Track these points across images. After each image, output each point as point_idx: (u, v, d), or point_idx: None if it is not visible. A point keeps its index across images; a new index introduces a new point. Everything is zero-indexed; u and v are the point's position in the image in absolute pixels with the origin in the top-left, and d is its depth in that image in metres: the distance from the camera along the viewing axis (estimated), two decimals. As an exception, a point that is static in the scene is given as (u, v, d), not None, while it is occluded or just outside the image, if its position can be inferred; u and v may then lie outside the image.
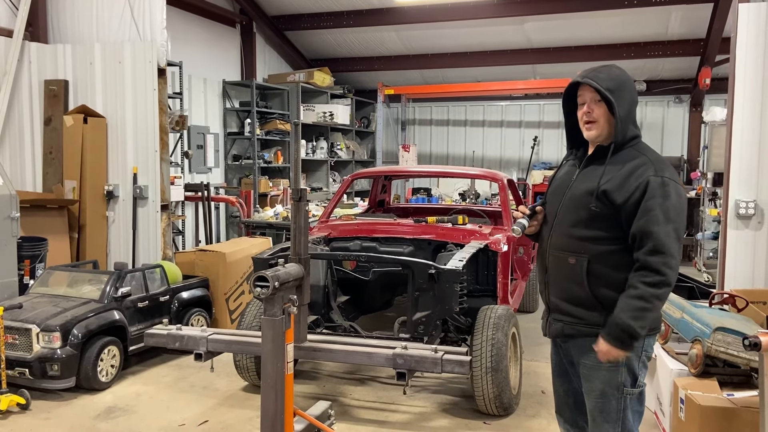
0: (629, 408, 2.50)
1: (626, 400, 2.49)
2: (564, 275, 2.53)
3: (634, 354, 2.46)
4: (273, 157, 10.35)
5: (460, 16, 9.77)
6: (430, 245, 5.13)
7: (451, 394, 4.76)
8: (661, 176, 2.40)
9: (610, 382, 2.49)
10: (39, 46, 6.67)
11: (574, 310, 2.52)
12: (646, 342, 2.49)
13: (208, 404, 4.57)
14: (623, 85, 2.49)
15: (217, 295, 6.03)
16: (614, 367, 2.46)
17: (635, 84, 2.56)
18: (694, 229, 10.51)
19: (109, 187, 6.49)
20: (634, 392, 2.49)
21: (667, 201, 2.37)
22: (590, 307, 2.48)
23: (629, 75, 2.57)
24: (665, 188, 2.38)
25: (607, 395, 2.49)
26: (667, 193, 2.37)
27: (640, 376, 2.50)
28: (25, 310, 4.66)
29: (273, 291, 2.96)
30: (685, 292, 6.24)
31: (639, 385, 2.50)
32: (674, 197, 2.38)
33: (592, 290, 2.47)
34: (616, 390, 2.48)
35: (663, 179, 2.39)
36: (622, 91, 2.47)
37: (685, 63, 10.51)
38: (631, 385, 2.48)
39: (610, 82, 2.46)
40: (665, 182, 2.39)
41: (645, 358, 2.52)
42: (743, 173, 5.05)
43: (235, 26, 10.39)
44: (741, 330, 3.47)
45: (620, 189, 2.42)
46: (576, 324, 2.53)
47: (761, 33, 4.97)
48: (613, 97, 2.44)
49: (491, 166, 12.28)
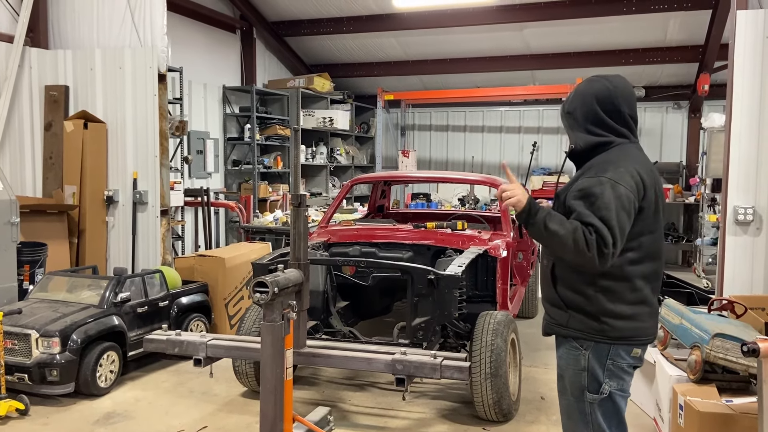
0: (597, 412, 2.50)
1: (592, 405, 2.49)
2: (543, 277, 2.67)
3: (597, 361, 2.47)
4: (273, 162, 10.36)
5: (460, 22, 9.79)
6: (429, 251, 5.14)
7: (450, 399, 4.76)
8: (598, 177, 2.41)
9: (573, 383, 2.54)
10: (39, 52, 6.69)
11: (549, 309, 2.64)
12: (612, 350, 2.47)
13: (207, 410, 4.57)
14: (576, 101, 2.62)
15: (216, 300, 6.03)
16: (578, 370, 2.51)
17: (608, 93, 2.57)
18: (693, 235, 10.53)
19: (108, 193, 6.49)
20: (596, 398, 2.49)
21: (599, 200, 2.35)
22: (558, 306, 2.57)
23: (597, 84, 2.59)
24: (599, 187, 2.38)
25: (574, 396, 2.55)
26: (600, 192, 2.36)
27: (604, 383, 2.48)
28: (25, 316, 4.67)
29: (272, 296, 2.97)
30: (684, 298, 6.25)
31: (602, 392, 2.48)
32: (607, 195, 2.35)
33: (557, 291, 2.56)
34: (580, 392, 2.52)
35: (599, 179, 2.40)
36: (576, 108, 2.61)
37: (683, 69, 10.54)
38: (594, 391, 2.49)
39: (567, 105, 2.66)
40: (599, 182, 2.39)
41: (612, 366, 2.48)
42: (742, 179, 5.06)
43: (235, 32, 10.42)
44: (740, 336, 3.48)
45: (566, 191, 2.54)
46: (550, 323, 2.63)
47: (759, 40, 4.99)
48: (570, 117, 2.63)
49: (490, 172, 12.29)
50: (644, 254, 2.48)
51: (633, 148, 2.58)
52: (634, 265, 2.46)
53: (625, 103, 2.58)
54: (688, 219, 11.09)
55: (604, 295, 2.45)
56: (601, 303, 2.45)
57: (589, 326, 2.48)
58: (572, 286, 2.50)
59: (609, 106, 2.55)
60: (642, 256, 2.47)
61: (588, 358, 2.48)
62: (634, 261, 2.46)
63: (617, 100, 2.56)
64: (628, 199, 2.38)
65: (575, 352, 2.52)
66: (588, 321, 2.48)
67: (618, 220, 2.34)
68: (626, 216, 2.37)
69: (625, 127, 2.58)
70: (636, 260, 2.46)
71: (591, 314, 2.47)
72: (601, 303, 2.45)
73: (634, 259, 2.46)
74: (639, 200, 2.43)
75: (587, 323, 2.48)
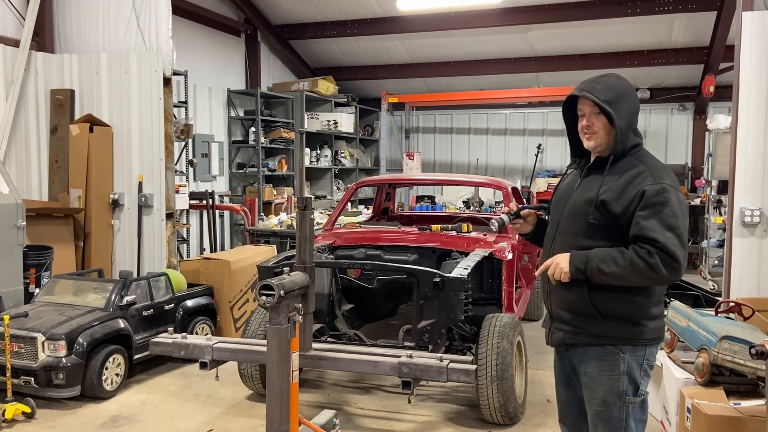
0: (631, 417, 2.49)
1: (628, 408, 2.48)
2: (565, 285, 2.51)
3: (635, 362, 2.46)
4: (277, 165, 10.38)
5: (464, 24, 9.80)
6: (434, 253, 5.13)
7: (457, 403, 4.75)
8: (660, 183, 2.39)
9: (611, 390, 2.48)
10: (45, 56, 6.72)
11: (575, 319, 2.53)
12: (647, 351, 2.48)
13: (212, 413, 4.57)
14: (622, 95, 2.48)
15: (221, 303, 6.03)
16: (616, 376, 2.46)
17: (637, 91, 2.58)
18: (699, 237, 10.49)
19: (114, 196, 6.51)
20: (636, 401, 2.48)
21: (666, 208, 2.35)
22: (590, 316, 2.48)
23: (629, 83, 2.56)
24: (663, 195, 2.37)
25: (609, 404, 2.49)
26: (665, 200, 2.36)
27: (641, 384, 2.49)
28: (31, 319, 4.68)
29: (278, 299, 2.96)
30: (690, 300, 6.22)
31: (641, 393, 2.48)
32: (674, 203, 2.37)
33: (592, 301, 2.47)
34: (617, 398, 2.47)
35: (662, 186, 2.38)
36: (621, 101, 2.46)
37: (688, 71, 10.52)
38: (633, 394, 2.47)
39: (608, 93, 2.46)
40: (664, 189, 2.38)
41: (647, 366, 2.50)
42: (748, 181, 5.04)
43: (240, 35, 10.45)
44: (747, 339, 3.46)
45: (618, 199, 2.43)
46: (577, 334, 2.54)
47: (765, 41, 4.97)
48: (612, 109, 2.44)
49: (495, 174, 12.29)
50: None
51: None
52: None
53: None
54: (694, 221, 11.03)
55: (647, 299, 2.45)
56: (645, 307, 2.46)
57: (627, 331, 2.46)
58: (611, 295, 2.44)
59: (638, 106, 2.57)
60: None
61: (627, 362, 2.46)
62: None
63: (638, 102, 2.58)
64: (686, 206, 2.44)
65: (612, 357, 2.47)
66: (627, 326, 2.46)
67: (684, 227, 2.37)
68: (687, 221, 2.42)
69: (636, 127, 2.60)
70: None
71: (631, 320, 2.45)
72: (645, 307, 2.46)
73: None
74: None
75: (626, 328, 2.46)
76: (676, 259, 2.30)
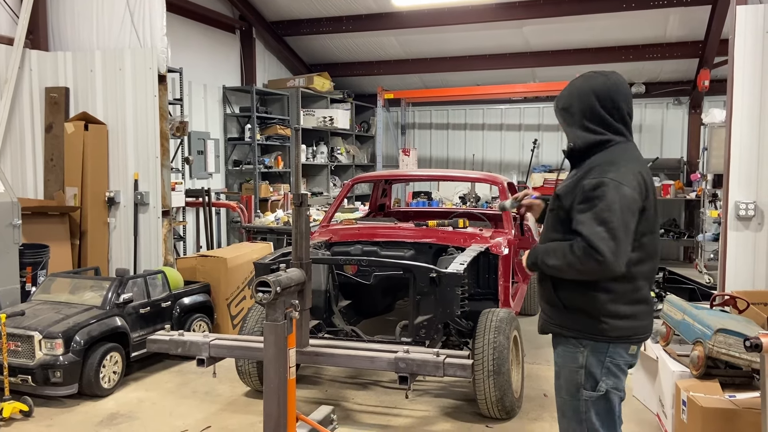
0: (592, 411, 2.49)
1: (587, 402, 2.49)
2: (540, 275, 2.64)
3: (596, 359, 2.47)
4: (273, 162, 10.36)
5: (459, 20, 9.79)
6: (431, 249, 5.14)
7: (454, 397, 4.76)
8: (600, 178, 2.39)
9: (570, 381, 2.54)
10: (40, 54, 6.69)
11: (546, 308, 2.64)
12: (611, 349, 2.47)
13: (210, 410, 4.58)
14: (574, 97, 2.56)
15: (218, 300, 6.04)
16: (575, 368, 2.51)
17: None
18: (694, 230, 10.53)
19: (110, 194, 6.50)
20: (593, 395, 2.48)
21: (601, 202, 2.35)
22: (556, 306, 2.57)
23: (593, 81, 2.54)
24: (600, 189, 2.37)
25: (570, 395, 2.54)
26: (602, 195, 2.36)
27: (601, 381, 2.48)
28: (28, 317, 4.67)
29: (275, 296, 2.97)
30: (686, 293, 6.25)
31: (599, 389, 2.48)
32: (610, 198, 2.34)
33: (556, 292, 2.55)
34: (576, 390, 2.51)
35: (600, 180, 2.38)
36: (572, 104, 2.57)
37: (683, 65, 10.52)
38: (591, 389, 2.49)
39: (565, 99, 2.61)
40: (602, 183, 2.37)
41: (611, 365, 2.48)
42: (743, 174, 5.06)
43: (235, 32, 10.42)
44: (742, 331, 3.47)
45: (568, 193, 2.50)
46: (548, 322, 2.63)
47: (759, 35, 4.98)
48: (567, 113, 2.59)
49: (491, 170, 12.29)
50: (645, 254, 2.47)
51: (632, 148, 2.56)
52: (637, 265, 2.45)
53: (624, 100, 2.54)
54: (690, 215, 11.08)
55: (606, 295, 2.44)
56: (603, 303, 2.44)
57: (588, 326, 2.48)
58: (572, 287, 2.49)
59: (608, 102, 2.52)
60: (644, 256, 2.47)
61: (586, 356, 2.49)
62: (638, 261, 2.45)
63: (616, 97, 2.52)
64: (633, 199, 2.37)
65: (573, 350, 2.52)
66: (587, 321, 2.47)
67: (623, 221, 2.33)
68: (631, 216, 2.37)
69: (623, 124, 2.55)
70: (639, 260, 2.45)
71: (591, 314, 2.46)
72: (602, 303, 2.44)
73: (637, 259, 2.45)
74: (642, 200, 2.42)
75: (587, 323, 2.48)
76: (601, 253, 2.30)
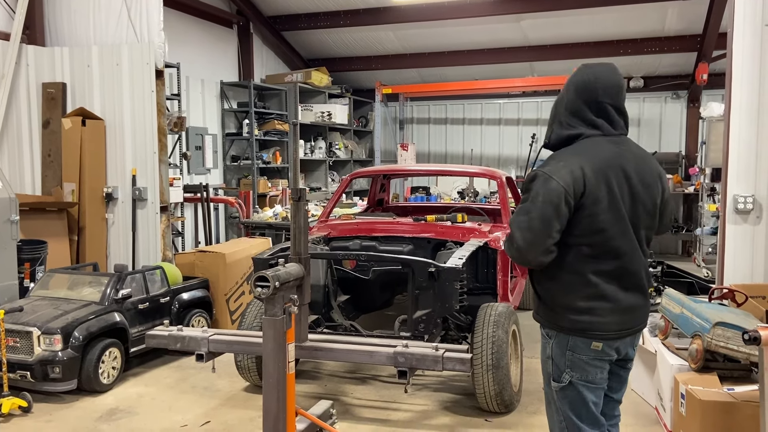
0: (561, 400, 2.56)
1: (555, 392, 2.58)
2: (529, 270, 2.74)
3: (559, 350, 2.53)
4: (271, 157, 10.35)
5: (457, 14, 9.77)
6: (429, 244, 5.14)
7: (453, 392, 4.77)
8: (536, 171, 2.48)
9: (544, 371, 2.66)
10: (36, 49, 6.67)
11: (533, 301, 2.72)
12: (571, 341, 2.49)
13: (210, 405, 4.58)
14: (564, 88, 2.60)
15: (217, 295, 6.04)
16: (545, 358, 2.62)
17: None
18: (692, 224, 10.54)
19: (108, 189, 6.49)
20: (557, 387, 2.56)
21: (529, 193, 2.45)
22: (535, 296, 2.67)
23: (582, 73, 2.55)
24: (532, 181, 2.46)
25: (546, 383, 2.66)
26: (530, 186, 2.46)
27: (565, 372, 2.51)
28: (26, 313, 4.67)
29: (273, 291, 2.96)
30: (684, 287, 6.26)
31: (562, 380, 2.53)
32: (536, 188, 2.42)
33: (533, 284, 2.65)
34: (548, 380, 2.62)
35: (534, 173, 2.47)
36: (561, 97, 2.61)
37: (682, 59, 10.51)
38: (556, 379, 2.56)
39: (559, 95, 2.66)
40: (535, 175, 2.46)
41: (574, 357, 2.49)
42: (741, 168, 5.05)
43: (232, 27, 10.39)
44: (740, 324, 3.48)
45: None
46: (534, 314, 2.71)
47: (758, 28, 4.97)
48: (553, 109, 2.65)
49: (489, 164, 12.28)
50: (600, 251, 2.44)
51: (598, 142, 2.49)
52: (586, 261, 2.45)
53: (606, 94, 2.49)
54: (688, 209, 11.09)
55: (560, 287, 2.51)
56: (556, 295, 2.52)
57: (550, 316, 2.56)
58: (539, 278, 2.60)
59: (586, 95, 2.50)
60: (597, 253, 2.44)
61: (552, 347, 2.56)
62: (587, 257, 2.44)
63: (596, 90, 2.49)
64: (558, 193, 2.37)
65: (544, 340, 2.63)
66: (549, 311, 2.56)
67: (542, 213, 2.38)
68: (552, 209, 2.37)
69: (602, 118, 2.50)
70: (589, 256, 2.44)
71: (551, 305, 2.55)
72: (556, 295, 2.52)
73: (587, 254, 2.44)
74: (575, 197, 2.38)
75: (548, 314, 2.57)
76: (515, 240, 2.44)
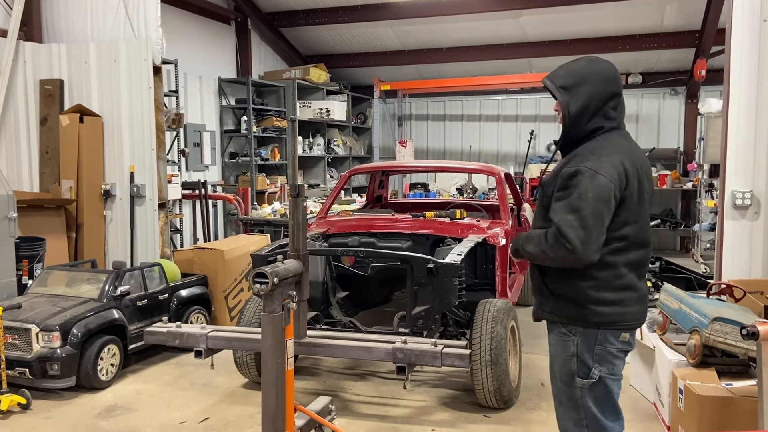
0: (588, 397, 2.51)
1: (582, 390, 2.51)
2: (530, 266, 2.68)
3: (586, 346, 2.49)
4: (270, 154, 10.34)
5: (456, 10, 9.76)
6: (428, 240, 5.14)
7: (451, 387, 4.78)
8: (577, 167, 2.39)
9: (563, 369, 2.56)
10: (34, 46, 6.65)
11: (537, 295, 2.67)
12: (600, 335, 2.48)
13: (208, 401, 4.58)
14: (584, 79, 2.50)
15: (216, 292, 6.03)
16: (568, 356, 2.53)
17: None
18: (691, 220, 10.55)
19: (106, 186, 6.48)
20: (586, 384, 2.50)
21: (575, 190, 2.36)
22: (544, 294, 2.60)
23: (603, 66, 2.53)
24: (576, 178, 2.38)
25: (565, 383, 2.56)
26: (576, 183, 2.37)
27: (594, 368, 2.49)
28: (25, 310, 4.66)
29: (272, 287, 2.96)
30: (682, 283, 6.26)
31: (591, 377, 2.50)
32: (584, 186, 2.35)
33: (543, 279, 2.58)
34: (570, 378, 2.54)
35: (577, 169, 2.39)
36: (580, 85, 2.49)
37: (680, 55, 10.51)
38: (584, 376, 2.50)
39: (566, 79, 2.53)
40: (578, 171, 2.38)
41: (602, 351, 2.49)
42: (739, 164, 5.05)
43: (230, 23, 10.37)
44: (739, 320, 3.48)
45: (551, 182, 2.52)
46: (539, 309, 2.66)
47: (756, 24, 4.97)
48: (567, 93, 2.50)
49: (488, 161, 12.28)
50: (630, 243, 2.46)
51: (618, 136, 2.54)
52: (619, 254, 2.45)
53: (619, 88, 2.55)
54: (686, 205, 11.10)
55: (588, 282, 2.45)
56: (585, 290, 2.46)
57: (575, 312, 2.50)
58: (557, 274, 2.52)
59: (613, 87, 2.51)
60: (628, 245, 2.46)
61: (577, 344, 2.50)
62: (620, 250, 2.45)
63: (617, 84, 2.54)
64: (607, 189, 2.36)
65: (564, 338, 2.54)
66: (574, 307, 2.49)
67: (594, 210, 2.33)
68: (604, 205, 2.36)
69: (620, 113, 2.55)
70: (621, 249, 2.45)
71: (576, 301, 2.48)
72: (585, 290, 2.46)
73: (619, 248, 2.44)
74: (620, 191, 2.40)
75: (573, 310, 2.50)
76: (569, 240, 2.33)
